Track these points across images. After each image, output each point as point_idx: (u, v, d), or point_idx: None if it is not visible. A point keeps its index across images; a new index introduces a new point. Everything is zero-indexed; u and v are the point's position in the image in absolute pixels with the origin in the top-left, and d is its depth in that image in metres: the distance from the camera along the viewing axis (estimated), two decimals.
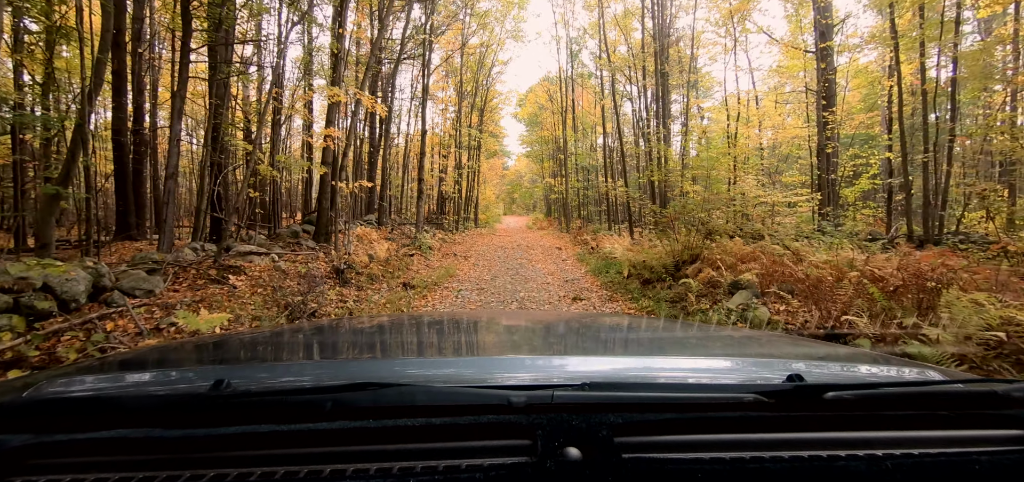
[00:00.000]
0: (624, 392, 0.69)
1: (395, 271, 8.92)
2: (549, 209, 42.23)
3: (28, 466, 0.57)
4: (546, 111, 35.79)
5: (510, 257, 13.52)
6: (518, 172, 60.61)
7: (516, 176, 60.40)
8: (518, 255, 13.98)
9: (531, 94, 41.27)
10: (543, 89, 39.50)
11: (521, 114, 40.14)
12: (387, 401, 0.64)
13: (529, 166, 55.22)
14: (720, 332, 1.87)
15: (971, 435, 0.65)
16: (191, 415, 0.64)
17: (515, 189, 59.98)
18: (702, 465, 0.57)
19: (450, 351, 1.34)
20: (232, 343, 1.36)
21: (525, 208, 58.39)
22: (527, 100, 41.37)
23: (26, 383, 0.77)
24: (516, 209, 60.36)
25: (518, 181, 59.64)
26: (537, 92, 39.32)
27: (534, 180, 53.47)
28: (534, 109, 39.58)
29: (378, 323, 1.74)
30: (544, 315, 3.85)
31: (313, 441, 0.60)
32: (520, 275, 9.82)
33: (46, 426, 0.61)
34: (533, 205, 55.06)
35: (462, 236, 21.28)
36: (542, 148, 39.31)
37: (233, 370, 0.97)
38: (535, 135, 40.04)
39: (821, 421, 0.65)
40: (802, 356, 1.17)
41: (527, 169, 57.49)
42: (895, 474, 0.57)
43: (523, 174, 59.13)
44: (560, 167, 34.64)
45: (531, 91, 41.51)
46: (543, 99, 37.53)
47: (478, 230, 27.00)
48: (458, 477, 0.55)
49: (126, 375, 0.92)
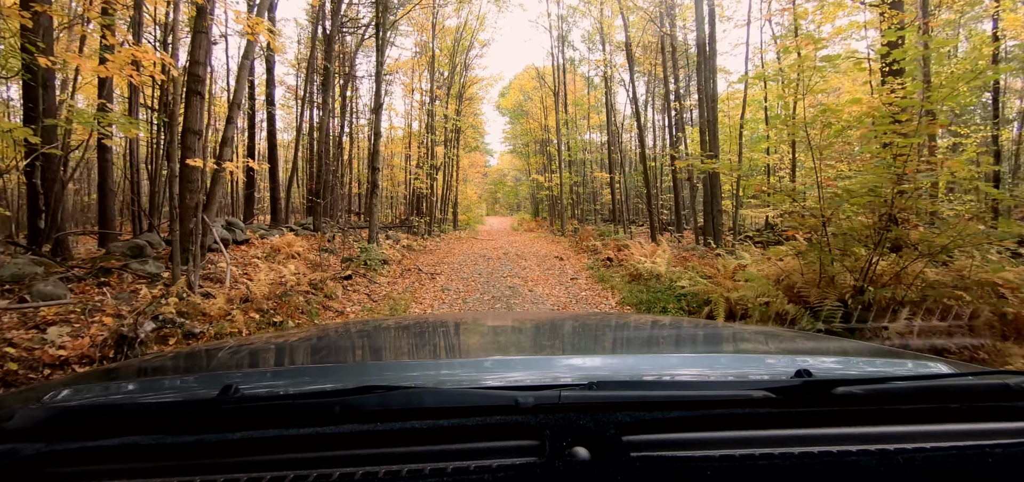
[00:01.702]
0: (632, 391, 0.70)
1: (291, 314, 5.08)
2: (536, 209, 38.63)
3: (41, 474, 0.57)
4: (532, 102, 32.07)
5: (496, 274, 9.80)
6: (501, 171, 57.35)
7: (499, 175, 56.87)
8: (507, 270, 10.27)
9: (515, 82, 37.56)
10: (529, 76, 35.90)
11: (504, 103, 36.34)
12: (395, 404, 0.64)
13: (513, 163, 51.82)
14: (727, 328, 1.86)
15: (983, 428, 0.63)
16: (201, 421, 0.64)
17: (498, 188, 56.55)
18: (712, 463, 0.56)
19: (457, 353, 1.37)
20: (240, 349, 1.29)
21: (509, 208, 54.92)
22: (511, 89, 37.62)
23: (37, 392, 0.79)
24: (500, 209, 56.96)
25: (501, 180, 56.31)
26: (523, 79, 35.64)
27: (518, 178, 50.06)
28: (518, 97, 35.88)
29: (385, 326, 1.75)
30: (550, 315, 3.96)
31: (322, 445, 0.60)
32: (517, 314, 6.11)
33: (58, 434, 0.62)
34: (517, 205, 51.55)
35: (436, 242, 17.44)
36: (527, 142, 35.59)
37: (241, 375, 0.97)
38: (519, 128, 36.25)
39: (831, 416, 0.64)
40: (811, 352, 1.19)
41: (511, 167, 54.21)
42: (906, 468, 0.56)
43: (506, 172, 55.85)
44: (548, 162, 31.08)
45: (516, 79, 37.84)
46: (529, 87, 33.87)
47: (457, 233, 23.14)
48: (467, 478, 0.55)
49: (136, 382, 0.96)
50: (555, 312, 5.38)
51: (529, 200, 42.87)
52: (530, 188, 38.63)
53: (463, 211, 33.32)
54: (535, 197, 38.21)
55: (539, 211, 37.39)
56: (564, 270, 10.03)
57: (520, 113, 35.28)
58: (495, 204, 58.39)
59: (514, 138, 40.14)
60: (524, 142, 36.79)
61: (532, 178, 35.24)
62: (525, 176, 40.68)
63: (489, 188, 56.68)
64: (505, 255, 13.07)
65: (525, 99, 34.34)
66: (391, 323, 1.93)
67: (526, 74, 36.89)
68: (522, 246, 16.39)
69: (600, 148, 30.51)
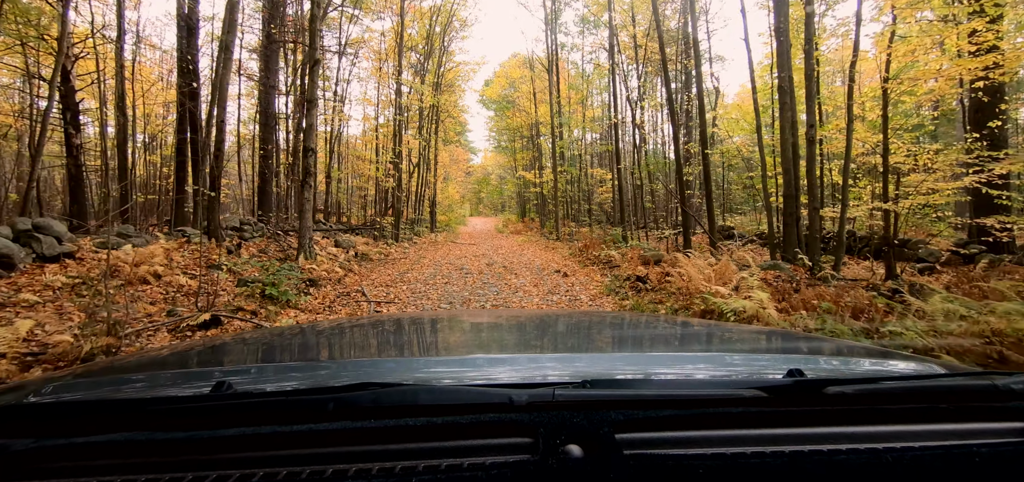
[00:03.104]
0: (625, 389, 0.70)
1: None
2: (523, 209, 35.60)
3: (31, 470, 0.56)
4: (520, 92, 28.97)
5: (476, 300, 6.77)
6: (485, 169, 54.16)
7: (483, 173, 53.74)
8: (492, 292, 7.25)
9: (501, 72, 34.46)
10: (517, 64, 32.81)
11: (489, 93, 33.22)
12: (389, 401, 0.63)
13: (498, 161, 48.60)
14: (721, 329, 1.84)
15: (971, 428, 0.64)
16: (193, 417, 0.62)
17: (482, 187, 53.45)
18: (704, 461, 0.56)
19: (451, 350, 1.36)
20: (234, 345, 1.30)
21: (493, 208, 51.72)
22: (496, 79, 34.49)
23: (27, 388, 0.78)
24: (483, 210, 53.79)
25: (485, 178, 53.19)
26: (509, 67, 32.57)
27: (503, 177, 46.81)
28: (504, 87, 32.79)
29: (380, 323, 1.73)
30: (545, 314, 3.79)
31: (315, 442, 0.59)
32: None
33: (48, 430, 0.61)
34: (502, 205, 48.33)
35: (403, 249, 14.34)
36: (513, 137, 32.47)
37: (235, 372, 0.96)
38: (505, 121, 32.99)
39: (822, 416, 0.65)
40: (803, 351, 1.20)
41: (495, 165, 51.01)
42: (895, 467, 0.56)
43: (490, 171, 52.69)
44: (537, 157, 28.08)
45: (502, 69, 34.72)
46: (516, 75, 30.83)
47: (433, 237, 19.98)
48: (460, 476, 0.54)
49: (128, 378, 0.92)
50: (549, 311, 5.26)
51: (515, 199, 39.83)
52: (516, 186, 35.49)
53: (444, 211, 30.00)
54: (522, 196, 35.13)
55: (527, 211, 34.40)
56: (574, 295, 7.03)
57: (506, 104, 32.08)
58: (479, 204, 55.20)
59: (499, 132, 36.99)
60: (510, 137, 33.63)
61: (519, 176, 32.15)
62: (511, 174, 37.48)
63: (472, 187, 53.61)
64: (489, 267, 10.04)
65: (511, 89, 31.21)
66: (386, 320, 1.95)
67: (513, 62, 33.83)
68: (510, 253, 13.36)
69: (590, 146, 27.55)
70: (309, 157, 7.93)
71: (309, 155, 7.93)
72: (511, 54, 35.14)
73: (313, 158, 8.03)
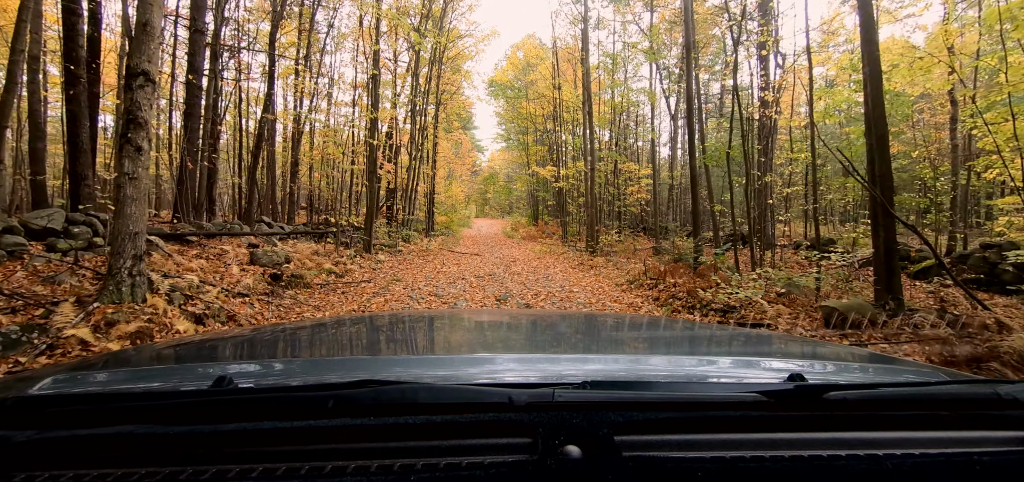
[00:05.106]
0: (625, 391, 0.69)
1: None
2: (535, 211, 31.41)
3: (31, 463, 0.56)
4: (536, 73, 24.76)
5: None
6: (492, 168, 50.16)
7: (490, 171, 49.80)
8: None
9: (512, 55, 30.35)
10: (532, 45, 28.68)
11: (499, 77, 29.02)
12: (388, 399, 0.63)
13: (506, 158, 44.46)
14: (722, 331, 1.81)
15: (972, 436, 0.63)
16: (193, 412, 0.62)
17: (488, 186, 49.37)
18: (703, 464, 0.56)
19: (452, 349, 1.35)
20: (235, 341, 1.31)
21: (500, 209, 47.64)
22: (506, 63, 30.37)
23: (29, 380, 0.77)
24: (490, 211, 49.82)
25: (492, 176, 49.19)
26: (525, 49, 28.42)
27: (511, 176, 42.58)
28: (517, 71, 28.60)
29: (379, 321, 1.73)
30: (546, 314, 3.75)
31: (315, 438, 0.59)
32: None
33: (49, 423, 0.61)
34: (510, 206, 44.02)
35: (375, 262, 10.35)
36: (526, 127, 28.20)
37: (236, 367, 0.95)
38: (516, 111, 28.66)
39: (822, 421, 0.64)
40: (804, 356, 1.20)
41: (503, 162, 46.88)
42: (895, 475, 0.56)
43: (498, 170, 48.61)
44: (556, 151, 23.99)
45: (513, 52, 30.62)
46: (532, 55, 26.73)
47: (425, 243, 15.91)
48: (459, 474, 0.54)
49: (129, 372, 0.92)
50: (552, 312, 5.03)
51: (526, 199, 35.60)
52: (528, 185, 31.30)
53: (445, 211, 25.90)
54: (534, 196, 30.92)
55: (540, 214, 30.27)
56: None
57: (518, 93, 27.87)
58: (485, 205, 51.22)
59: (509, 124, 32.69)
60: (522, 128, 29.46)
61: (532, 172, 27.95)
62: (521, 171, 33.21)
63: (479, 187, 49.62)
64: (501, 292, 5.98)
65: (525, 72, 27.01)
66: (386, 318, 1.93)
67: (527, 44, 29.74)
68: (524, 271, 9.28)
69: (609, 146, 23.17)
70: (141, 91, 3.90)
71: (142, 86, 3.89)
72: (525, 35, 30.98)
73: (151, 91, 3.98)
